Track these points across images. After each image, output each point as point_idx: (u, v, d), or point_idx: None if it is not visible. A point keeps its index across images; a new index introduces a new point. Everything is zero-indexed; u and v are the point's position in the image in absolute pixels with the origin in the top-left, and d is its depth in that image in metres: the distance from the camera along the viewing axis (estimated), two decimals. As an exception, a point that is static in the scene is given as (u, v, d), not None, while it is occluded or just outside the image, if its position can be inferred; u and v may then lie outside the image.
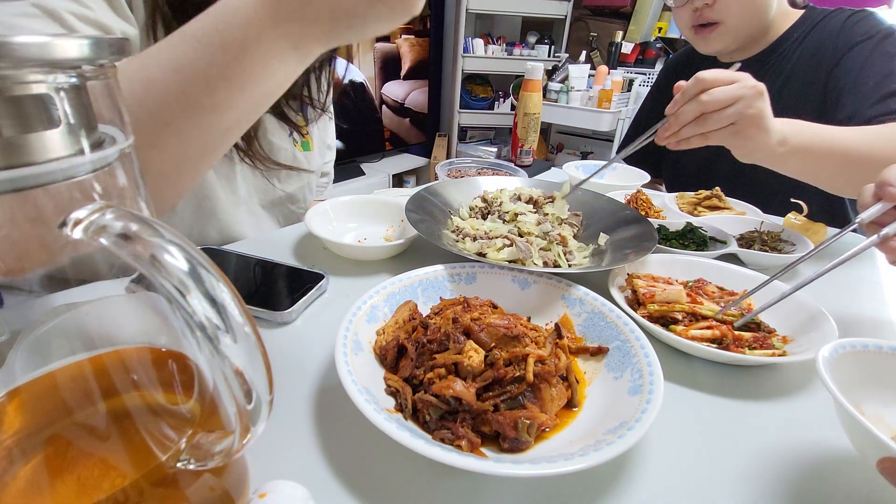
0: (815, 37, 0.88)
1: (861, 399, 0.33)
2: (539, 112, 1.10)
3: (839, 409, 0.29)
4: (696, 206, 0.82)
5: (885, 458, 0.26)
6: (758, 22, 0.88)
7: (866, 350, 0.34)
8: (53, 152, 0.16)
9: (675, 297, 0.47)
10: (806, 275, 0.43)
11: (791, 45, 0.90)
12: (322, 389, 0.37)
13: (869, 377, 0.34)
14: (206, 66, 0.36)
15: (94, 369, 0.21)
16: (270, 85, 0.40)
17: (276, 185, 0.70)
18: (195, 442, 0.21)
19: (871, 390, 0.33)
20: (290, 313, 0.45)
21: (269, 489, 0.24)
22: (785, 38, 0.91)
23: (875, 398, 0.33)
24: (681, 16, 0.91)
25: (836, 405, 0.29)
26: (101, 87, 0.18)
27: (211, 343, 0.16)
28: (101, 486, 0.19)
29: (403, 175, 2.75)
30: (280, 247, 0.61)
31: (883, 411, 0.33)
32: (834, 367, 0.32)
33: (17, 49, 0.14)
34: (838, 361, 0.33)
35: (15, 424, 0.21)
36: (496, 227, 0.59)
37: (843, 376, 0.32)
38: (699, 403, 0.39)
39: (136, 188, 0.20)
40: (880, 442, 0.26)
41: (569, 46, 2.78)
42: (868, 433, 0.26)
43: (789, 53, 0.91)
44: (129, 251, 0.16)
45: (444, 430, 0.32)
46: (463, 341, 0.35)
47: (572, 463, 0.27)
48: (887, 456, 0.26)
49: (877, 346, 0.34)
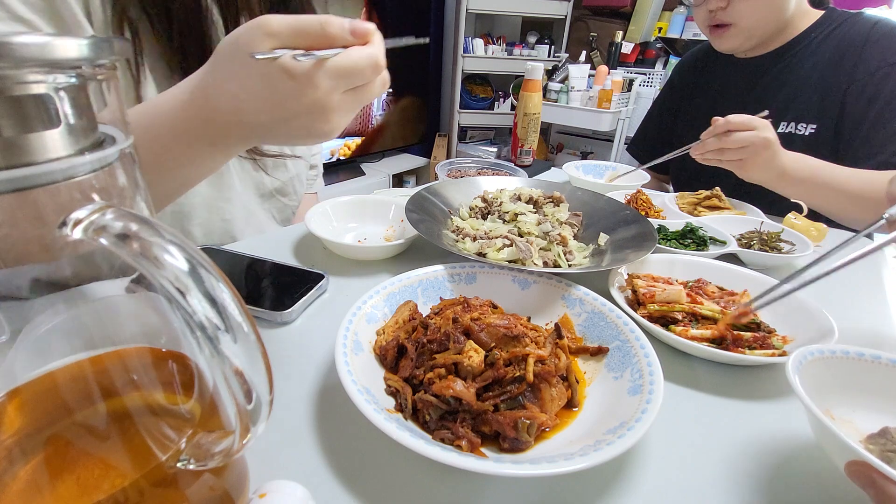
0: (836, 40, 0.88)
1: (831, 404, 0.33)
2: (539, 112, 1.10)
3: (809, 414, 0.29)
4: (696, 206, 0.82)
5: (852, 462, 0.26)
6: (772, 22, 0.88)
7: (834, 356, 0.35)
8: (53, 152, 0.16)
9: (675, 297, 0.47)
10: (808, 273, 0.43)
11: (809, 45, 0.90)
12: (322, 389, 0.37)
13: (838, 382, 0.34)
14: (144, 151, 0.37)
15: (94, 369, 0.21)
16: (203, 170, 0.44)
17: (267, 176, 0.70)
18: (195, 442, 0.21)
19: (840, 395, 0.34)
20: (290, 313, 0.45)
21: (269, 489, 0.24)
22: (803, 37, 0.91)
23: (844, 403, 0.34)
24: (698, 14, 0.92)
25: (806, 410, 0.29)
26: (101, 87, 0.18)
27: (211, 343, 0.16)
28: (101, 486, 0.19)
29: (403, 175, 2.75)
30: (280, 247, 0.61)
31: (852, 415, 0.34)
32: (804, 372, 0.32)
33: (17, 49, 0.14)
34: (809, 367, 0.33)
35: (15, 424, 0.21)
36: (496, 227, 0.59)
37: (813, 382, 0.32)
38: (699, 403, 0.39)
39: (136, 188, 0.20)
40: (847, 446, 0.26)
41: (569, 46, 2.78)
42: (835, 437, 0.27)
43: (807, 53, 0.90)
44: (129, 251, 0.16)
45: (444, 430, 0.32)
46: (463, 341, 0.35)
47: (572, 463, 0.27)
48: (854, 459, 0.26)
49: (844, 351, 0.35)
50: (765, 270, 0.59)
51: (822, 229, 0.71)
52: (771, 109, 0.88)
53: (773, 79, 0.93)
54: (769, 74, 0.94)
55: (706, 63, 1.06)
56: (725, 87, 1.01)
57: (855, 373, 0.34)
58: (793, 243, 0.66)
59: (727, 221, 0.74)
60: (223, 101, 0.35)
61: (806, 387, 0.30)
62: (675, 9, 2.48)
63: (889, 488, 0.24)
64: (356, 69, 0.34)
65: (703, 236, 0.65)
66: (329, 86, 0.34)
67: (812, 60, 0.89)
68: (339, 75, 0.34)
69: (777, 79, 0.93)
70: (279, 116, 0.35)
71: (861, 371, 0.34)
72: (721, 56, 1.00)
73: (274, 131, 0.37)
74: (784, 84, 0.92)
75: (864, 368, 0.34)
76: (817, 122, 0.89)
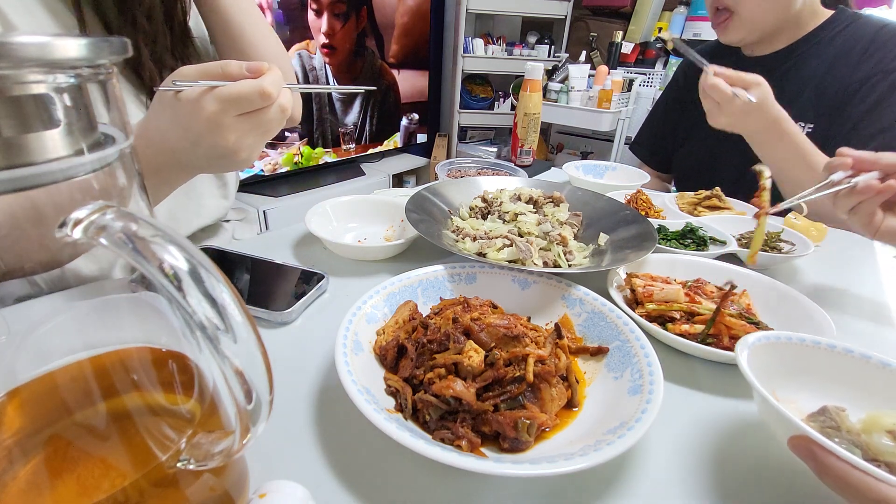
0: (841, 40, 0.88)
1: (777, 386, 0.35)
2: (539, 112, 1.10)
3: (755, 393, 0.31)
4: (696, 206, 0.82)
5: (794, 437, 0.28)
6: (775, 14, 0.88)
7: (779, 341, 0.37)
8: (53, 152, 0.16)
9: (673, 296, 0.47)
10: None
11: (817, 45, 0.90)
12: (322, 389, 0.37)
13: (784, 366, 0.37)
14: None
15: (94, 369, 0.22)
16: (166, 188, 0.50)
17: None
18: (195, 442, 0.21)
19: (786, 378, 0.36)
20: (290, 313, 0.45)
21: (269, 489, 0.24)
22: (811, 36, 0.90)
23: (789, 385, 0.36)
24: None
25: (753, 390, 0.31)
26: (101, 88, 0.18)
27: (211, 343, 0.16)
28: (101, 486, 0.19)
29: (403, 175, 2.75)
30: (280, 247, 0.61)
31: (796, 396, 0.36)
32: (755, 357, 0.35)
33: (17, 49, 0.14)
34: (759, 352, 0.35)
35: (15, 424, 0.21)
36: (496, 227, 0.59)
37: (763, 366, 0.34)
38: (699, 403, 0.39)
39: (136, 188, 0.20)
40: (789, 421, 0.28)
41: (569, 46, 2.78)
42: (778, 413, 0.29)
43: (813, 53, 0.90)
44: (129, 251, 0.16)
45: (444, 430, 0.32)
46: (463, 341, 0.35)
47: (572, 463, 0.27)
48: (795, 434, 0.28)
49: (787, 337, 0.37)
50: (765, 270, 0.59)
51: (822, 229, 0.71)
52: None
53: (780, 77, 0.92)
54: (776, 73, 0.93)
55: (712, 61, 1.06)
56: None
57: (799, 357, 0.37)
58: (793, 243, 0.66)
59: (727, 221, 0.74)
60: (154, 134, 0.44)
61: (755, 370, 0.32)
62: (675, 9, 2.48)
63: (827, 459, 0.26)
64: (240, 94, 0.41)
65: (703, 236, 0.65)
66: (217, 108, 0.41)
67: (817, 61, 0.89)
68: (225, 99, 0.41)
69: (784, 77, 0.92)
70: (189, 139, 0.42)
71: (804, 356, 0.37)
72: (728, 54, 0.99)
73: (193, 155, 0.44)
74: (789, 83, 0.91)
75: (807, 353, 0.37)
76: (814, 122, 0.89)
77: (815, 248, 0.63)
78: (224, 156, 0.44)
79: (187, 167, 0.47)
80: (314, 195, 2.06)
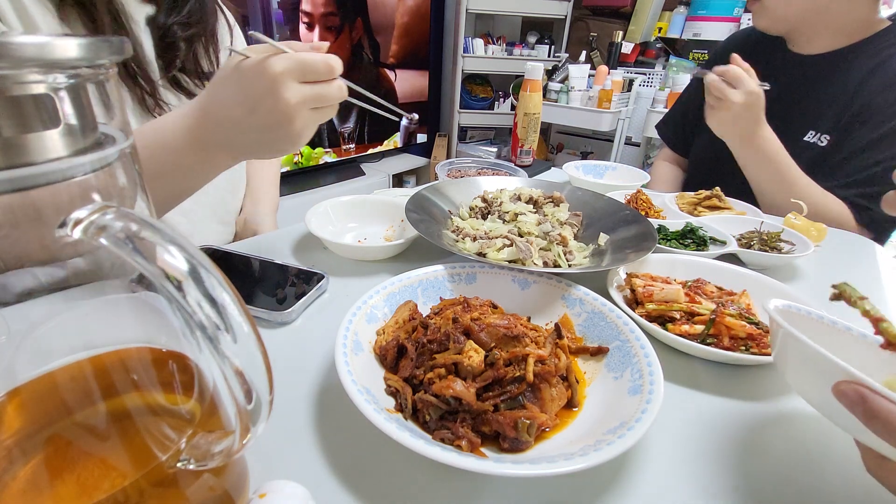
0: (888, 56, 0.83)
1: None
2: (539, 112, 1.10)
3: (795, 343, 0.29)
4: (696, 206, 0.82)
5: (841, 382, 0.26)
6: (799, 9, 0.85)
7: (799, 313, 0.37)
8: (53, 152, 0.16)
9: (673, 296, 0.47)
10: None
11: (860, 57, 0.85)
12: (322, 389, 0.37)
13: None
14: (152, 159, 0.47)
15: (94, 369, 0.21)
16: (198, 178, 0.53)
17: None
18: (195, 442, 0.21)
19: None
20: (290, 313, 0.45)
21: (269, 489, 0.24)
22: (857, 47, 0.86)
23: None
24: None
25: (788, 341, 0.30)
26: (101, 88, 0.18)
27: (211, 343, 0.16)
28: (101, 486, 0.19)
29: (403, 175, 2.75)
30: (280, 247, 0.61)
31: None
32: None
33: (17, 49, 0.14)
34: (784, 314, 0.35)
35: (15, 424, 0.21)
36: (496, 227, 0.59)
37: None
38: (699, 403, 0.39)
39: (136, 188, 0.20)
40: (835, 364, 0.26)
41: (569, 46, 2.78)
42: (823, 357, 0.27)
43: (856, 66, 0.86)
44: (129, 251, 0.16)
45: (444, 430, 0.32)
46: (463, 341, 0.35)
47: (572, 463, 0.27)
48: (843, 379, 0.26)
49: (807, 311, 0.37)
50: (765, 270, 0.59)
51: (822, 229, 0.71)
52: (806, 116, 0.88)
53: (816, 80, 0.90)
54: (812, 74, 0.90)
55: (756, 46, 1.01)
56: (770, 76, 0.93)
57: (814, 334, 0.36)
58: (793, 243, 0.66)
59: (727, 221, 0.74)
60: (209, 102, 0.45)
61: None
62: (675, 9, 2.48)
63: (877, 402, 0.24)
64: (306, 60, 0.42)
65: (703, 236, 0.65)
66: (282, 68, 0.41)
67: (858, 73, 0.85)
68: (291, 60, 0.41)
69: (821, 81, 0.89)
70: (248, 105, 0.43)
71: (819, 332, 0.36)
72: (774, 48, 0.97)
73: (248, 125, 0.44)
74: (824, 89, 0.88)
75: (822, 330, 0.37)
76: (830, 135, 0.87)
77: (814, 248, 0.63)
78: (280, 123, 0.43)
79: (236, 144, 0.47)
80: (314, 195, 2.06)
